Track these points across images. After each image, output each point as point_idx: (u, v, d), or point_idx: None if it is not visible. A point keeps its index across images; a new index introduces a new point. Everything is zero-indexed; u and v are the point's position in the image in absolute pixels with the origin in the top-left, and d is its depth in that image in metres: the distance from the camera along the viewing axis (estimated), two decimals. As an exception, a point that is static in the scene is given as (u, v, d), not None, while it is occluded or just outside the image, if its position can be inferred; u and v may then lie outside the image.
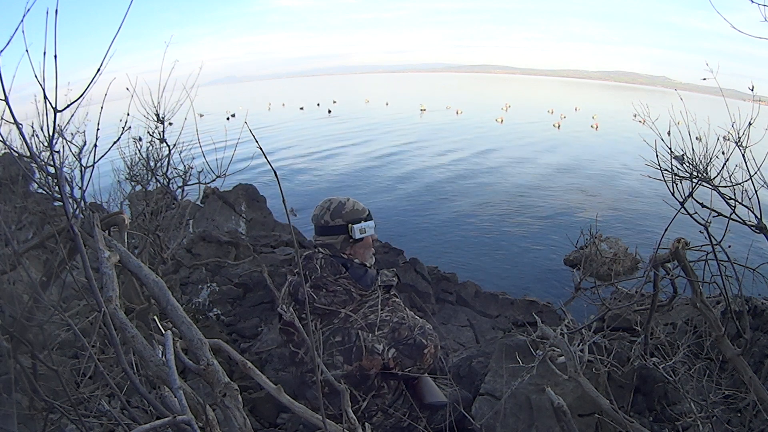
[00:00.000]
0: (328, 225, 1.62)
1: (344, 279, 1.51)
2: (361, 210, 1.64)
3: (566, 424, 1.69)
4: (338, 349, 1.43)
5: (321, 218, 1.63)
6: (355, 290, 1.51)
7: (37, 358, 1.40)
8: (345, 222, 1.60)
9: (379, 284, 1.56)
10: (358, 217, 1.62)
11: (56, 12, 0.86)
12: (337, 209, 1.62)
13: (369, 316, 1.48)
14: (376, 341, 1.44)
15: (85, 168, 1.24)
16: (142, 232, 2.99)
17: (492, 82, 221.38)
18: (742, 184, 1.64)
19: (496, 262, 8.09)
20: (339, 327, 1.45)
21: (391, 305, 1.53)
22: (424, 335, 1.52)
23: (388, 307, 1.52)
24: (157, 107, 2.99)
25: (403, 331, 1.49)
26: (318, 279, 1.48)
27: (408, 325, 1.51)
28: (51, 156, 1.04)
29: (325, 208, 1.64)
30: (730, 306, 1.71)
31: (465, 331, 4.36)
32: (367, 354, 1.43)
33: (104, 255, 1.14)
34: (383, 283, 1.57)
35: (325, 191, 12.46)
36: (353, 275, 1.53)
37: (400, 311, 1.53)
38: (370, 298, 1.52)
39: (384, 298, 1.53)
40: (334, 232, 1.61)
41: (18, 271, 1.61)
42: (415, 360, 1.50)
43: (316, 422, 1.00)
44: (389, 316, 1.49)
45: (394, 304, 1.54)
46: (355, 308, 1.49)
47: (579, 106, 42.95)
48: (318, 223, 1.64)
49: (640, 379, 2.26)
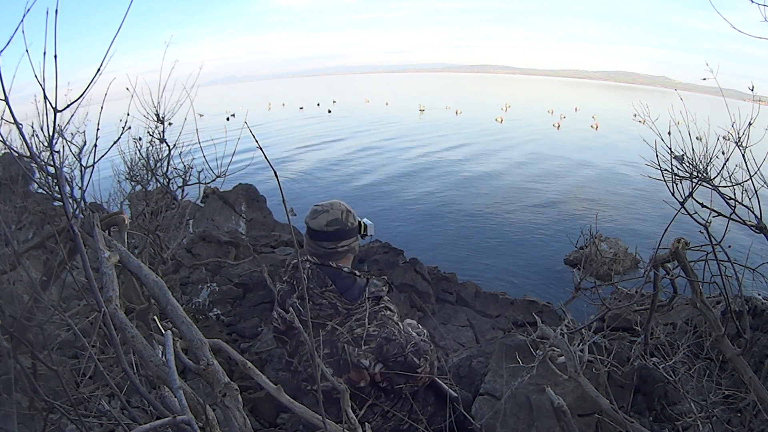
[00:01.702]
0: (353, 227, 1.52)
1: (330, 292, 1.44)
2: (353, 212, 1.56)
3: (566, 424, 1.69)
4: (327, 361, 1.41)
5: (346, 222, 1.51)
6: (341, 304, 1.43)
7: (37, 358, 1.40)
8: (357, 221, 1.54)
9: (367, 296, 1.47)
10: (354, 220, 1.54)
11: (56, 12, 0.86)
12: (331, 215, 1.51)
13: (355, 329, 1.40)
14: (362, 356, 1.38)
15: (85, 168, 1.23)
16: (142, 232, 2.99)
17: (492, 82, 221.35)
18: (742, 184, 1.65)
19: (496, 262, 8.09)
20: (326, 339, 1.41)
21: (380, 319, 1.43)
22: (417, 353, 1.44)
23: (377, 320, 1.42)
24: (157, 107, 2.99)
25: (392, 348, 1.40)
26: (303, 291, 1.43)
27: (398, 342, 1.41)
28: (51, 156, 1.04)
29: (345, 211, 1.52)
30: (730, 306, 1.71)
31: (465, 331, 4.37)
32: (354, 368, 1.38)
33: (104, 255, 1.14)
34: (371, 295, 1.47)
35: (326, 191, 12.47)
36: (340, 287, 1.45)
37: (391, 326, 1.43)
38: (357, 310, 1.44)
39: (372, 311, 1.44)
40: (351, 235, 1.52)
41: (18, 271, 1.61)
42: (407, 378, 1.43)
43: (316, 422, 1.00)
44: (377, 330, 1.41)
45: (384, 317, 1.44)
46: (342, 321, 1.42)
47: (579, 106, 42.98)
48: (312, 228, 1.52)
49: (640, 379, 2.26)
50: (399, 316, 1.53)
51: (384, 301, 1.49)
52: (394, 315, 1.49)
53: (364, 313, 1.42)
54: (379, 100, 52.50)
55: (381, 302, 1.48)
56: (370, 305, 1.44)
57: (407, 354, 1.41)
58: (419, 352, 1.45)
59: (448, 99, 51.14)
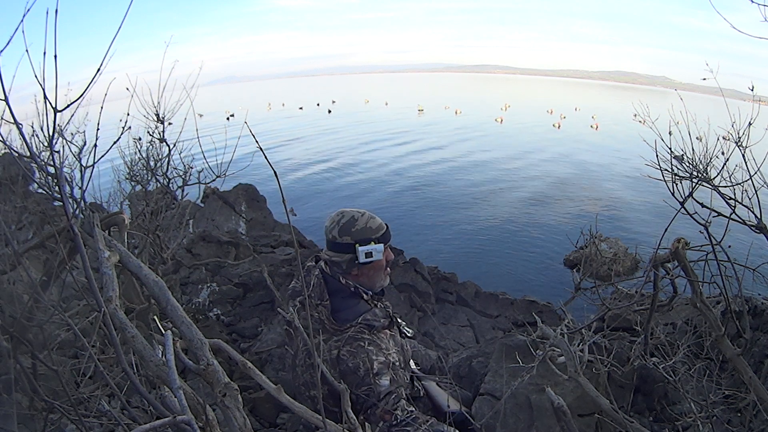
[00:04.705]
0: (335, 241, 1.45)
1: (323, 307, 1.39)
2: (374, 228, 1.46)
3: (566, 424, 1.68)
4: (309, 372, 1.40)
5: (329, 232, 1.47)
6: (328, 323, 1.38)
7: (37, 358, 1.40)
8: (353, 241, 1.44)
9: (359, 321, 1.39)
10: (368, 237, 1.44)
11: (56, 12, 0.86)
12: (347, 225, 1.45)
13: (333, 350, 1.36)
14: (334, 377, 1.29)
15: (85, 168, 1.24)
16: (142, 232, 2.99)
17: (492, 82, 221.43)
18: (742, 184, 1.65)
19: (496, 262, 8.10)
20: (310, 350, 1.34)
21: (356, 348, 1.35)
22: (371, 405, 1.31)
23: (351, 347, 1.35)
24: (157, 107, 3.00)
25: (352, 380, 1.31)
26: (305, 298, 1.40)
27: (360, 378, 1.32)
28: (51, 156, 1.04)
29: (335, 222, 1.46)
30: (730, 306, 1.71)
31: (465, 331, 4.36)
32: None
33: (104, 255, 1.14)
34: (364, 321, 1.39)
35: (326, 190, 12.47)
36: (335, 305, 1.41)
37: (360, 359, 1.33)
38: (343, 333, 1.38)
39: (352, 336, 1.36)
40: (341, 249, 1.45)
41: (18, 271, 1.60)
42: (366, 412, 1.33)
43: (316, 422, 1.00)
44: (346, 356, 1.34)
45: (359, 348, 1.35)
46: (327, 338, 1.37)
47: (579, 106, 42.99)
48: (327, 236, 1.48)
49: (640, 379, 2.26)
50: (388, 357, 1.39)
51: (374, 334, 1.39)
52: (380, 355, 1.36)
53: (342, 337, 1.36)
54: (379, 100, 52.52)
55: (372, 333, 1.39)
56: (356, 329, 1.37)
57: (359, 394, 1.32)
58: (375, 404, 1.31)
59: (448, 99, 51.14)
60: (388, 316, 1.49)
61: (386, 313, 1.50)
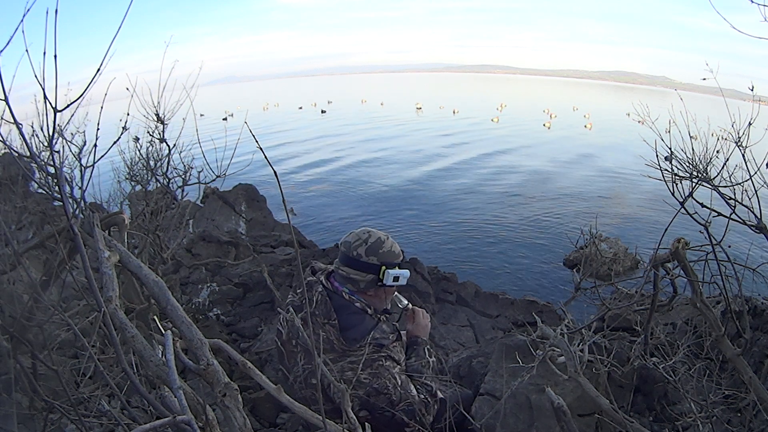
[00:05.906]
0: (359, 260, 1.44)
1: (330, 326, 1.37)
2: (397, 254, 1.48)
3: (566, 424, 1.68)
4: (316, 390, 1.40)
5: (354, 249, 1.45)
6: (338, 343, 1.36)
7: (37, 358, 1.40)
8: (380, 263, 1.44)
9: (369, 340, 1.38)
10: (393, 261, 1.46)
11: (56, 12, 0.86)
12: (374, 246, 1.44)
13: (347, 371, 1.33)
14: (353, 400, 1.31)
15: (85, 168, 1.24)
16: (142, 232, 2.99)
17: (492, 82, 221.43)
18: (742, 184, 1.65)
19: (496, 262, 8.09)
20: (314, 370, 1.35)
21: (376, 368, 1.35)
22: (410, 413, 1.35)
23: (371, 368, 1.34)
24: (157, 107, 3.00)
25: (381, 401, 1.33)
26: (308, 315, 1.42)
27: (389, 398, 1.33)
28: (51, 156, 1.04)
29: (362, 240, 1.45)
30: (730, 306, 1.71)
31: (465, 331, 4.36)
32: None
33: (104, 255, 1.14)
34: (374, 341, 1.38)
35: (326, 190, 12.47)
36: (344, 322, 1.39)
37: (386, 377, 1.34)
38: (354, 353, 1.36)
39: (370, 358, 1.35)
40: (364, 269, 1.44)
41: (18, 271, 1.61)
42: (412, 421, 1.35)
43: (316, 422, 1.00)
44: (368, 379, 1.33)
45: (380, 367, 1.35)
46: (335, 358, 1.35)
47: (577, 106, 43.02)
48: (349, 253, 1.46)
49: (640, 379, 2.26)
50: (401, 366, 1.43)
51: (386, 349, 1.40)
52: (395, 367, 1.40)
53: (359, 357, 1.34)
54: (377, 100, 52.51)
55: (383, 350, 1.39)
56: (369, 350, 1.36)
57: (397, 411, 1.34)
58: (412, 412, 1.36)
59: (447, 99, 51.16)
60: (395, 330, 1.48)
61: (393, 327, 1.50)
